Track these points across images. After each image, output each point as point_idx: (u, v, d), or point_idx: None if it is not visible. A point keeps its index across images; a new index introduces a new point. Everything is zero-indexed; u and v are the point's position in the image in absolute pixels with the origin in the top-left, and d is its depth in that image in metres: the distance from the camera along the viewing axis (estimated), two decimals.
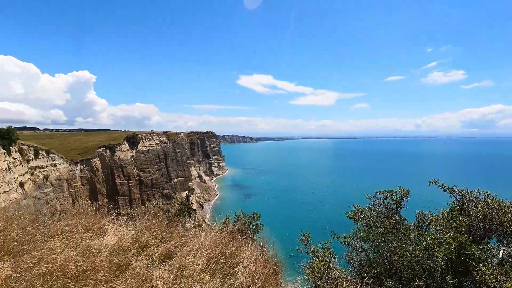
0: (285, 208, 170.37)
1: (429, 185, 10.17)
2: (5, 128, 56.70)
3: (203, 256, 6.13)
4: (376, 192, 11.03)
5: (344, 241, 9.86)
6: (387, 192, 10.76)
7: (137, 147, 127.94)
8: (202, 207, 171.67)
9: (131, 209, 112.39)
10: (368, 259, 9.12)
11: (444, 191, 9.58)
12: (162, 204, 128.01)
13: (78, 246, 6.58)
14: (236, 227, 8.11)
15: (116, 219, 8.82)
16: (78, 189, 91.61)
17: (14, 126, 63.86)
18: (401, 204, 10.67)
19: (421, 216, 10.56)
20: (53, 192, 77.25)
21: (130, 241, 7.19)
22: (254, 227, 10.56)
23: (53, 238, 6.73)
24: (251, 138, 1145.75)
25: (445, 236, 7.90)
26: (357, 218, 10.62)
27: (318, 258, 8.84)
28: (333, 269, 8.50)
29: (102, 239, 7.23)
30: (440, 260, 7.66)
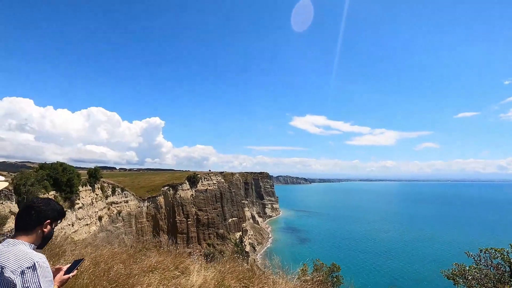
0: (343, 256, 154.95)
1: None
2: (93, 168, 66.59)
3: None
4: (481, 250, 9.22)
5: None
6: (495, 250, 8.93)
7: (196, 187, 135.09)
8: (255, 250, 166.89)
9: (187, 247, 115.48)
10: None
11: None
12: (217, 244, 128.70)
13: (169, 283, 7.04)
14: (316, 278, 7.67)
15: (197, 258, 9.25)
16: (143, 225, 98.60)
17: (98, 165, 74.35)
18: None
19: None
20: (123, 227, 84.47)
21: (214, 282, 7.41)
22: (334, 279, 9.74)
23: (148, 274, 7.35)
24: (305, 179, 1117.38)
25: None
26: (458, 279, 8.82)
27: None
28: None
29: (188, 278, 7.60)
30: None
